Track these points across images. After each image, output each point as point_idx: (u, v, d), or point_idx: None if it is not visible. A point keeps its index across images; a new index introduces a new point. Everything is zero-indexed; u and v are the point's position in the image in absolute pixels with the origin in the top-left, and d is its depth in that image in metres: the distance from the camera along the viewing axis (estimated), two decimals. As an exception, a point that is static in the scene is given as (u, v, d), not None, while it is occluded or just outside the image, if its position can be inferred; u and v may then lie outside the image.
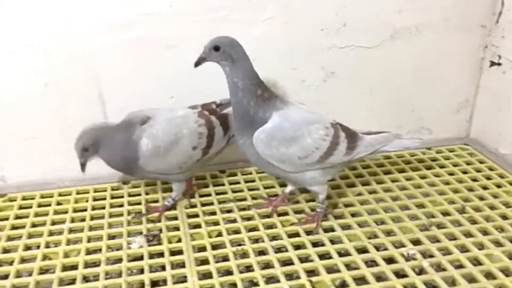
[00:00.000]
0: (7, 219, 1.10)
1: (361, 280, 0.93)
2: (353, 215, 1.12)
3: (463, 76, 1.43)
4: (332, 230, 1.07)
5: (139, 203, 1.17)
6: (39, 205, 1.16)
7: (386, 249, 1.00)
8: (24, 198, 1.18)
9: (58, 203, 1.17)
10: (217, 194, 1.21)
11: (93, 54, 1.16)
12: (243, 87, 0.94)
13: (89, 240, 1.04)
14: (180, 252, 1.00)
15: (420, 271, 0.95)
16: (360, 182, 1.25)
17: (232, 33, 1.22)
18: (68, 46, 1.14)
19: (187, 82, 1.23)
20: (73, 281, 0.92)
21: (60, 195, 1.20)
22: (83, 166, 1.02)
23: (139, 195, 1.20)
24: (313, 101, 1.35)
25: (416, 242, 1.02)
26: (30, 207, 1.15)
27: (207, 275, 0.94)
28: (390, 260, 0.97)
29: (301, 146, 0.96)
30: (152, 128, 1.02)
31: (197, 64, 0.97)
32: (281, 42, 1.27)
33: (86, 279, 0.94)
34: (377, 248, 1.00)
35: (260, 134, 0.95)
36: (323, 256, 0.99)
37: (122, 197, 1.19)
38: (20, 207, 1.15)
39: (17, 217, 1.12)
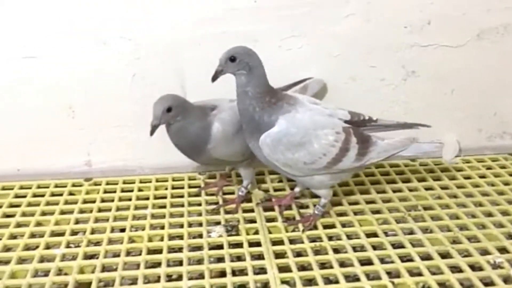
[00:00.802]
0: (94, 202, 1.16)
1: (445, 285, 0.90)
2: (433, 218, 1.09)
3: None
4: (412, 232, 1.04)
5: (215, 194, 1.20)
6: (122, 190, 1.21)
7: (470, 255, 0.97)
8: (108, 183, 1.24)
9: (140, 190, 1.22)
10: (292, 189, 1.21)
11: (178, 47, 1.20)
12: (252, 95, 0.93)
13: (171, 226, 1.07)
14: (258, 244, 1.01)
15: (506, 280, 0.91)
16: (439, 186, 1.21)
17: (313, 30, 1.23)
18: (156, 39, 1.19)
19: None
20: (158, 265, 0.96)
21: (141, 182, 1.25)
22: (155, 128, 0.98)
23: (215, 186, 1.23)
24: (390, 100, 1.33)
25: (503, 250, 0.98)
26: (114, 191, 1.21)
27: (285, 269, 0.95)
28: (475, 267, 0.94)
29: (307, 152, 0.94)
30: (221, 114, 1.05)
31: (214, 78, 0.96)
32: (361, 40, 1.26)
33: (169, 263, 0.97)
34: (461, 254, 0.97)
35: (266, 138, 0.93)
36: (404, 258, 0.97)
37: (199, 186, 1.22)
38: (105, 191, 1.21)
39: (103, 200, 1.17)
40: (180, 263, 0.96)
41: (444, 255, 0.97)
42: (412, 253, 0.97)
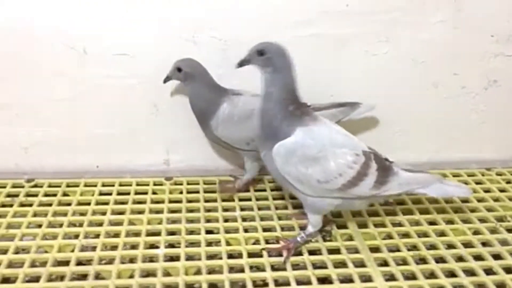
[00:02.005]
0: (180, 201, 1.15)
1: (557, 299, 0.90)
2: (528, 230, 1.09)
3: None
4: (509, 243, 1.04)
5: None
6: (205, 191, 1.20)
7: None
8: (188, 183, 1.23)
9: (222, 191, 1.22)
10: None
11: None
12: (276, 99, 0.88)
13: (264, 229, 1.06)
14: (355, 250, 1.01)
15: None
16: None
17: (400, 36, 1.23)
18: (245, 40, 1.15)
19: (348, 82, 1.24)
20: (260, 268, 0.95)
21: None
22: (167, 78, 1.11)
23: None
24: (469, 109, 1.32)
25: None
26: (198, 192, 1.20)
27: (390, 277, 0.94)
28: None
29: (322, 169, 0.87)
30: (237, 98, 1.09)
31: (239, 65, 0.94)
32: (447, 47, 1.25)
33: (273, 268, 0.95)
34: None
35: (280, 148, 0.88)
36: (508, 270, 0.96)
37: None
38: (188, 192, 1.20)
39: (188, 201, 1.17)
40: (275, 268, 0.95)
41: (547, 269, 0.97)
42: (515, 265, 0.97)
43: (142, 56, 1.17)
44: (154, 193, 1.20)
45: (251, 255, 0.99)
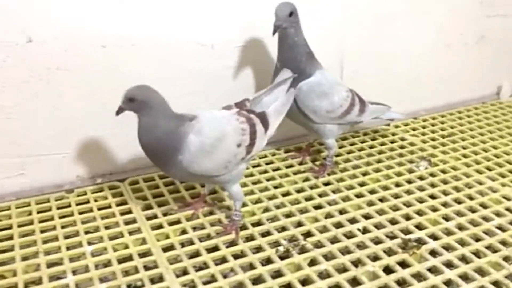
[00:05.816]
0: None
1: None
2: None
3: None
4: None
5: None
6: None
7: None
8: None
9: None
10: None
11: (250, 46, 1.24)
12: (301, 43, 1.11)
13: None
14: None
15: None
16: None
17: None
18: (230, 40, 1.22)
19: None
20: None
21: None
22: (120, 110, 0.94)
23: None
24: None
25: None
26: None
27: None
28: None
29: (330, 102, 1.14)
30: (199, 124, 0.96)
31: (275, 31, 1.07)
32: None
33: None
34: None
35: (303, 86, 1.12)
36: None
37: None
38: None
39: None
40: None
41: None
42: None
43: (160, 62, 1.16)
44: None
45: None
